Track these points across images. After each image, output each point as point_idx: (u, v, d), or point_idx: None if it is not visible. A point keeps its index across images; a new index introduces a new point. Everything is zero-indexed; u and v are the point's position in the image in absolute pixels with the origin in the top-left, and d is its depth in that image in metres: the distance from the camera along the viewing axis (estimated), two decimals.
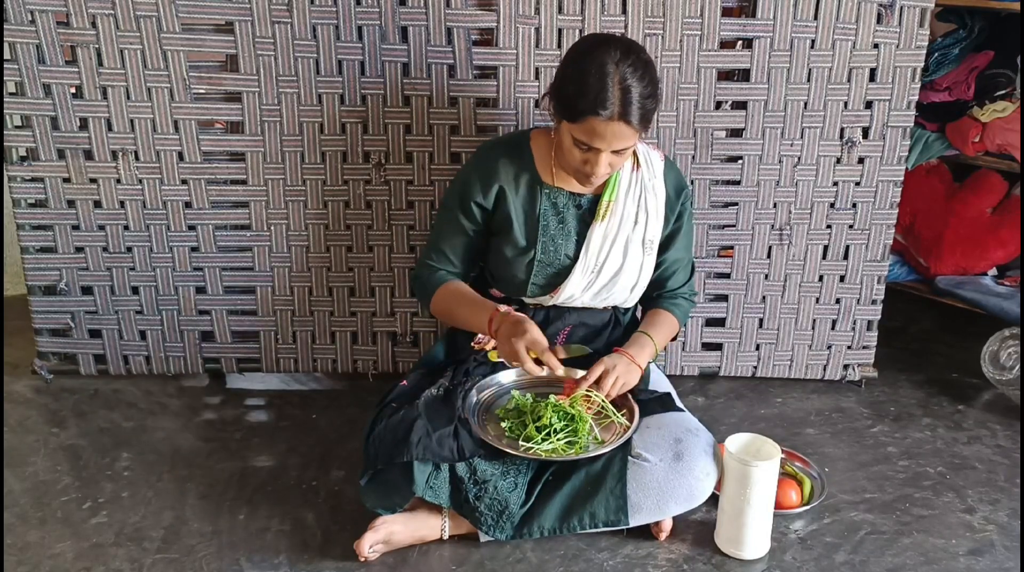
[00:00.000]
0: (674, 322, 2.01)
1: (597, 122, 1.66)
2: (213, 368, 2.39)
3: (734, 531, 1.73)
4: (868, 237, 2.33)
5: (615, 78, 1.65)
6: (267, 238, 2.26)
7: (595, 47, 1.70)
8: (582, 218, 1.90)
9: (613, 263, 1.90)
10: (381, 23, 2.09)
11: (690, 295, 2.05)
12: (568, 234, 1.90)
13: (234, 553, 1.72)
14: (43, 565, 1.67)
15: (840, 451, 2.16)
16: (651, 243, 1.93)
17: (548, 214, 1.89)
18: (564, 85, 1.71)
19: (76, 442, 2.09)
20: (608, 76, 1.65)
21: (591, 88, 1.65)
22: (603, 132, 1.67)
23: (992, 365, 2.44)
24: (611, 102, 1.65)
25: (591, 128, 1.68)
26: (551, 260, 1.90)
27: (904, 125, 2.24)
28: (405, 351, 2.39)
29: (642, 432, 1.78)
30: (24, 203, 2.21)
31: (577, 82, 1.67)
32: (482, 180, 1.87)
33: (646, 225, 1.91)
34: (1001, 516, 1.92)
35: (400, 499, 1.68)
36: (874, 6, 2.14)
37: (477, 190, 1.88)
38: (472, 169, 1.90)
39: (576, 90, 1.67)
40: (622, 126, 1.67)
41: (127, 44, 2.08)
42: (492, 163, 1.88)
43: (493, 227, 1.93)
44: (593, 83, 1.65)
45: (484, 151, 1.93)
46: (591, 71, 1.66)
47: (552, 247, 1.89)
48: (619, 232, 1.89)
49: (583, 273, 1.90)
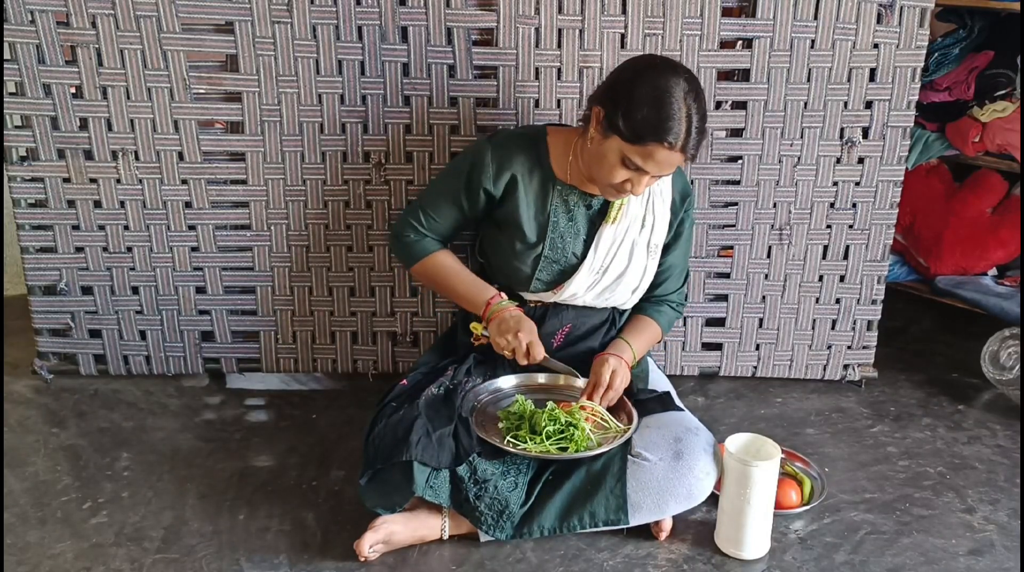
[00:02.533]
0: (656, 330, 2.02)
1: (660, 149, 1.67)
2: (213, 368, 2.39)
3: (734, 531, 1.73)
4: (868, 237, 2.33)
5: (684, 110, 1.66)
6: (267, 238, 2.26)
7: (666, 73, 1.69)
8: (591, 218, 1.91)
9: (618, 265, 1.91)
10: (381, 23, 2.10)
11: (677, 304, 2.06)
12: (577, 233, 1.91)
13: (234, 553, 1.72)
14: (43, 565, 1.67)
15: (840, 451, 2.16)
16: (656, 247, 1.94)
17: (559, 211, 1.89)
18: (631, 105, 1.68)
19: (76, 442, 2.09)
20: (680, 108, 1.66)
21: (664, 116, 1.65)
22: (661, 159, 1.68)
23: (992, 365, 2.44)
24: (678, 133, 1.66)
25: (651, 153, 1.68)
26: (558, 257, 1.91)
27: (904, 125, 2.25)
28: (405, 351, 2.39)
29: (642, 431, 1.79)
30: (24, 203, 2.21)
31: (650, 107, 1.66)
32: (496, 164, 1.87)
33: (653, 228, 1.92)
34: (1001, 516, 1.92)
35: (400, 499, 1.68)
36: (874, 6, 2.14)
37: (489, 175, 1.87)
38: (488, 151, 1.87)
39: (648, 115, 1.66)
40: (679, 156, 1.69)
41: (127, 44, 2.08)
42: (509, 151, 1.88)
43: (497, 216, 1.92)
44: (666, 112, 1.65)
45: (503, 137, 1.91)
46: (665, 100, 1.66)
47: (560, 244, 1.90)
48: (627, 234, 1.90)
49: (589, 273, 1.91)
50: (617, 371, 1.87)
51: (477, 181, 1.88)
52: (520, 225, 1.89)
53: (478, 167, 1.87)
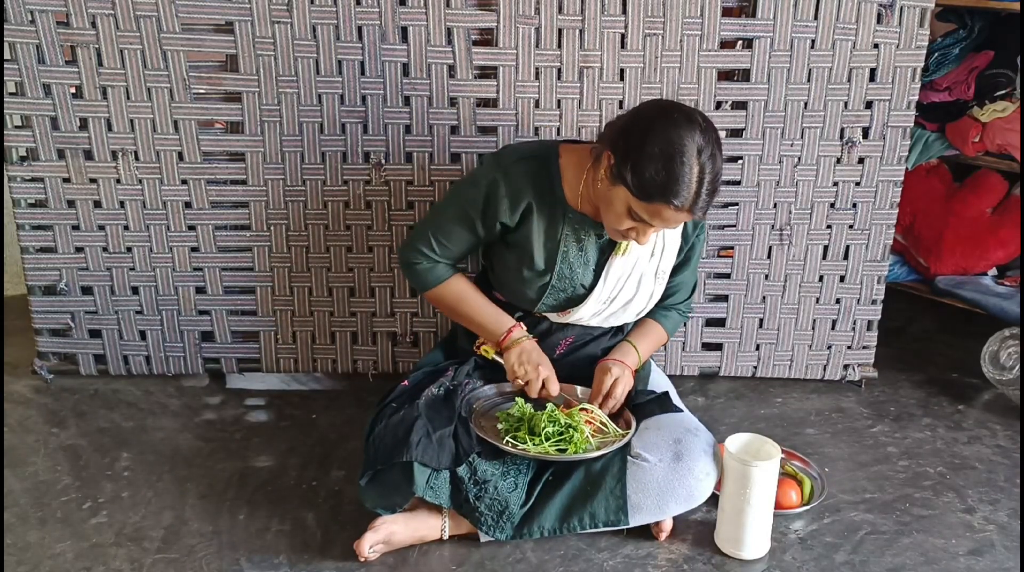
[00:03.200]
0: (662, 334, 2.01)
1: (666, 209, 1.62)
2: (213, 368, 2.39)
3: (734, 531, 1.73)
4: (868, 237, 2.33)
5: (696, 171, 1.59)
6: (267, 238, 2.26)
7: (680, 127, 1.61)
8: (602, 247, 1.87)
9: (626, 294, 1.90)
10: (381, 23, 2.09)
11: (684, 310, 2.04)
12: (586, 262, 1.86)
13: (234, 553, 1.72)
14: (43, 565, 1.67)
15: (840, 451, 2.16)
16: (663, 273, 1.92)
17: (569, 239, 1.84)
18: (641, 159, 1.60)
19: (76, 442, 2.09)
20: (692, 169, 1.59)
21: (673, 177, 1.59)
22: (667, 217, 1.64)
23: (992, 365, 2.44)
24: (687, 196, 1.60)
25: (658, 211, 1.63)
26: (565, 286, 1.87)
27: (904, 125, 2.24)
28: (405, 351, 2.39)
29: (642, 432, 1.79)
30: (24, 203, 2.21)
31: (660, 166, 1.59)
32: (511, 198, 1.79)
33: (661, 256, 1.89)
34: (1001, 516, 1.92)
35: (400, 499, 1.68)
36: (874, 6, 2.14)
37: (505, 209, 1.79)
38: (501, 184, 1.79)
39: (656, 174, 1.59)
40: (687, 215, 1.64)
41: (127, 44, 2.08)
42: (521, 181, 1.79)
43: (508, 240, 1.86)
44: (676, 172, 1.59)
45: (511, 164, 1.81)
46: (677, 159, 1.58)
47: (569, 274, 1.86)
48: (636, 265, 1.88)
49: (596, 302, 1.88)
50: (620, 379, 1.85)
51: (493, 215, 1.81)
52: (530, 253, 1.83)
53: (493, 201, 1.80)
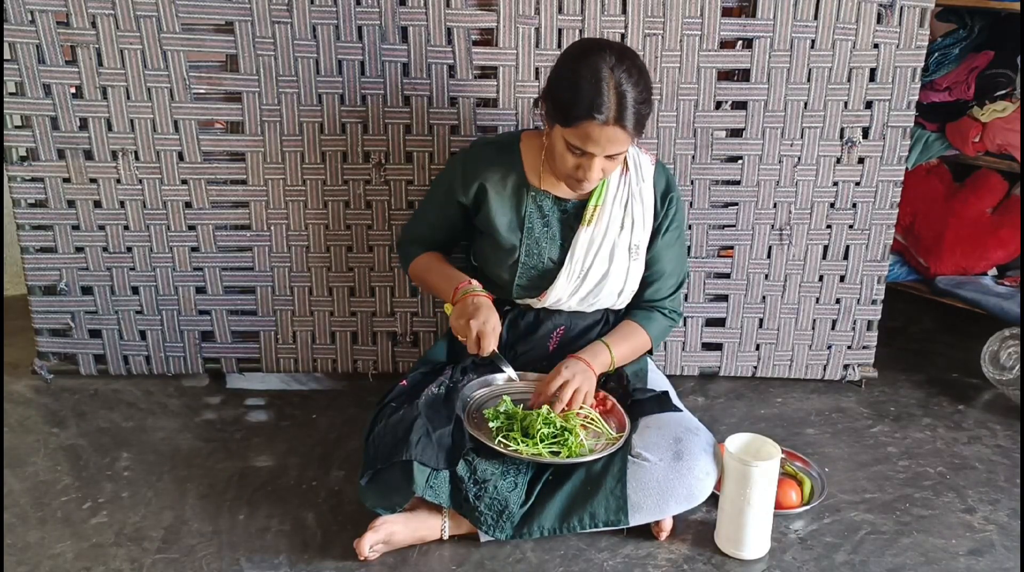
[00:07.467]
0: (643, 337, 1.97)
1: (592, 126, 1.66)
2: (213, 368, 2.39)
3: (734, 531, 1.73)
4: (868, 237, 2.33)
5: (610, 83, 1.65)
6: (267, 238, 2.26)
7: (589, 52, 1.70)
8: (567, 222, 1.91)
9: (599, 269, 1.90)
10: (381, 23, 2.10)
11: (670, 311, 2.01)
12: (553, 238, 1.91)
13: (234, 553, 1.72)
14: (43, 565, 1.67)
15: (840, 451, 2.16)
16: (636, 249, 1.92)
17: (533, 217, 1.90)
18: (558, 89, 1.70)
19: (76, 442, 2.09)
20: (604, 81, 1.65)
21: (586, 93, 1.65)
22: (598, 137, 1.68)
23: (992, 365, 2.44)
24: (607, 106, 1.65)
25: (586, 133, 1.68)
26: (535, 263, 1.91)
27: (904, 125, 2.25)
28: (405, 351, 2.39)
29: (642, 432, 1.79)
30: (24, 203, 2.21)
31: (572, 86, 1.67)
32: (464, 178, 1.91)
33: (632, 230, 1.90)
34: (1001, 516, 1.92)
35: (400, 499, 1.68)
36: (874, 6, 2.14)
37: (459, 187, 1.92)
38: (459, 165, 1.94)
39: (571, 95, 1.67)
40: (617, 130, 1.67)
41: (127, 44, 2.08)
42: (478, 162, 1.91)
43: (477, 223, 1.96)
44: (588, 88, 1.65)
45: (474, 149, 1.96)
46: (586, 76, 1.66)
47: (536, 250, 1.90)
48: (605, 237, 1.89)
49: (568, 278, 1.89)
50: (570, 382, 1.80)
51: (452, 194, 1.94)
52: (495, 233, 1.90)
53: (452, 184, 1.93)
